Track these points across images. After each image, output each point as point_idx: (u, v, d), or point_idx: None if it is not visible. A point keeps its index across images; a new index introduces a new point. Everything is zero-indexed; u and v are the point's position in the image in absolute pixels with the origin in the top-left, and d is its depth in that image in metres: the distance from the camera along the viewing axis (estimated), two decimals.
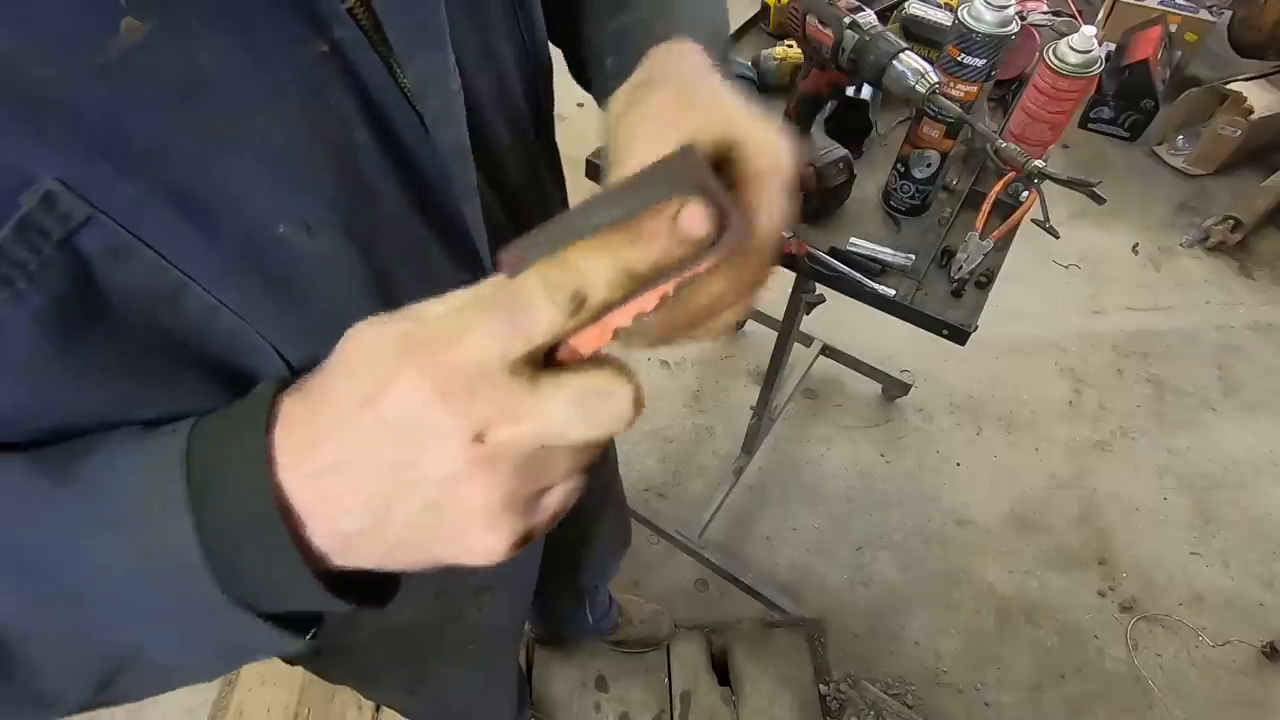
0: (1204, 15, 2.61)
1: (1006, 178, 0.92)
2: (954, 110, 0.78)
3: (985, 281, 0.94)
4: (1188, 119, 2.56)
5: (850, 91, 1.07)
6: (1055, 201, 0.88)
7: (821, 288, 1.12)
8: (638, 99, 0.34)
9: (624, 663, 1.46)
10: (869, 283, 0.93)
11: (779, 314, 1.37)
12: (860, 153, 1.10)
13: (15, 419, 0.28)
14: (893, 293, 0.93)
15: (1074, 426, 1.92)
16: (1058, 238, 0.90)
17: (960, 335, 0.91)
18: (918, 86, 0.76)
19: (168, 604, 0.27)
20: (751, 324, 2.02)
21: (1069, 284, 2.24)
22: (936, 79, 0.76)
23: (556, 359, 0.24)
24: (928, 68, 0.76)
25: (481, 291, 0.23)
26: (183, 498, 0.25)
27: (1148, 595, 1.64)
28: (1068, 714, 1.49)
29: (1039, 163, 0.82)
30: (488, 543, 0.25)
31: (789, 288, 1.27)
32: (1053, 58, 0.93)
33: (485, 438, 0.23)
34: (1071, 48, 0.91)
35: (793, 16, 0.86)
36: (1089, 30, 0.91)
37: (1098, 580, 1.66)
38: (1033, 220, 0.89)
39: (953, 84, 0.88)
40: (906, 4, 1.10)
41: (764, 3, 1.27)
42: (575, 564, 1.06)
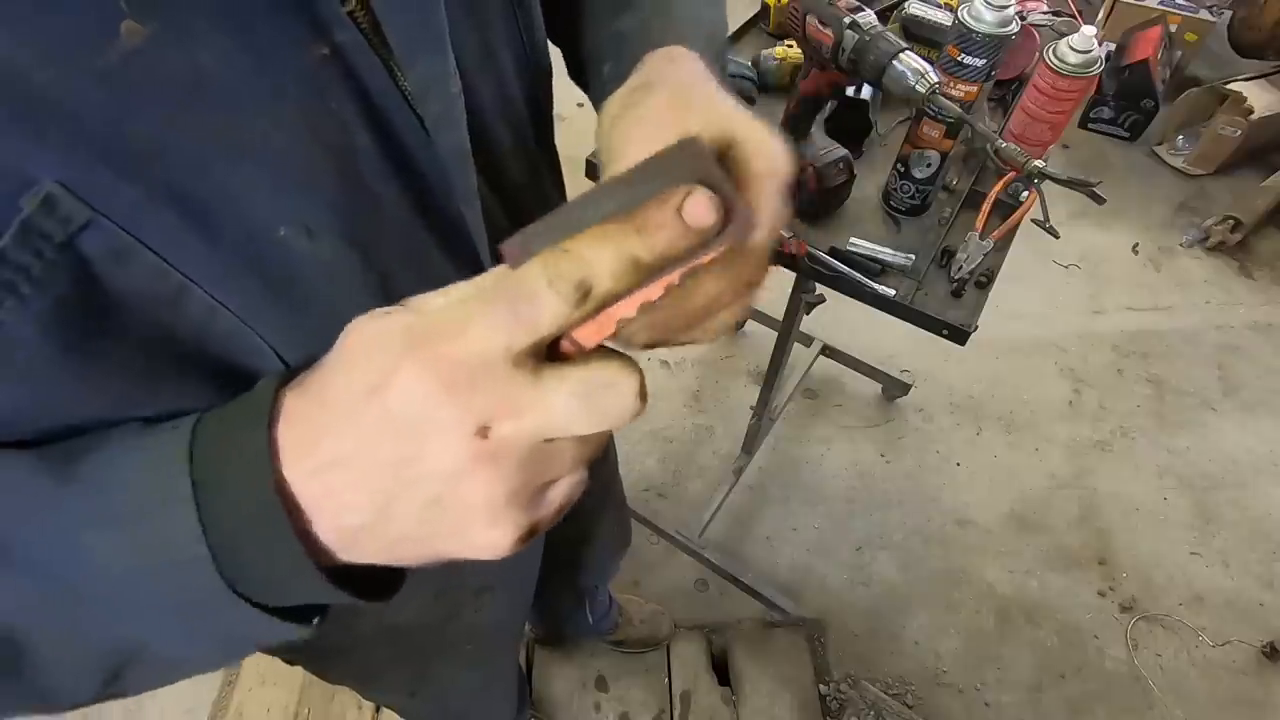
0: (1204, 15, 2.61)
1: (1006, 178, 0.92)
2: (954, 110, 0.78)
3: (985, 281, 0.94)
4: (1188, 119, 2.56)
5: (850, 91, 1.07)
6: (1055, 201, 0.88)
7: (821, 288, 1.13)
8: (633, 102, 0.34)
9: (624, 663, 1.46)
10: (869, 283, 0.93)
11: (779, 314, 1.37)
12: (860, 153, 1.10)
13: (16, 419, 0.28)
14: (893, 293, 0.93)
15: (1074, 426, 1.92)
16: (1058, 238, 0.90)
17: (960, 335, 0.91)
18: (918, 86, 0.76)
19: (171, 599, 0.27)
20: (751, 324, 2.02)
21: (1069, 284, 2.24)
22: (936, 79, 0.76)
23: (560, 351, 0.24)
24: (928, 68, 0.76)
25: (484, 282, 0.23)
26: (187, 494, 0.25)
27: (1148, 595, 1.64)
28: (1068, 714, 1.49)
29: (1039, 163, 0.82)
30: (492, 537, 0.25)
31: (789, 288, 1.27)
32: (1053, 58, 0.93)
33: (488, 431, 0.23)
34: (1071, 48, 0.91)
35: (793, 16, 0.86)
36: (1089, 30, 0.91)
37: (1098, 580, 1.67)
38: (1033, 220, 0.89)
39: (953, 84, 0.88)
40: (906, 4, 1.10)
41: (764, 3, 1.27)
42: (575, 564, 1.06)
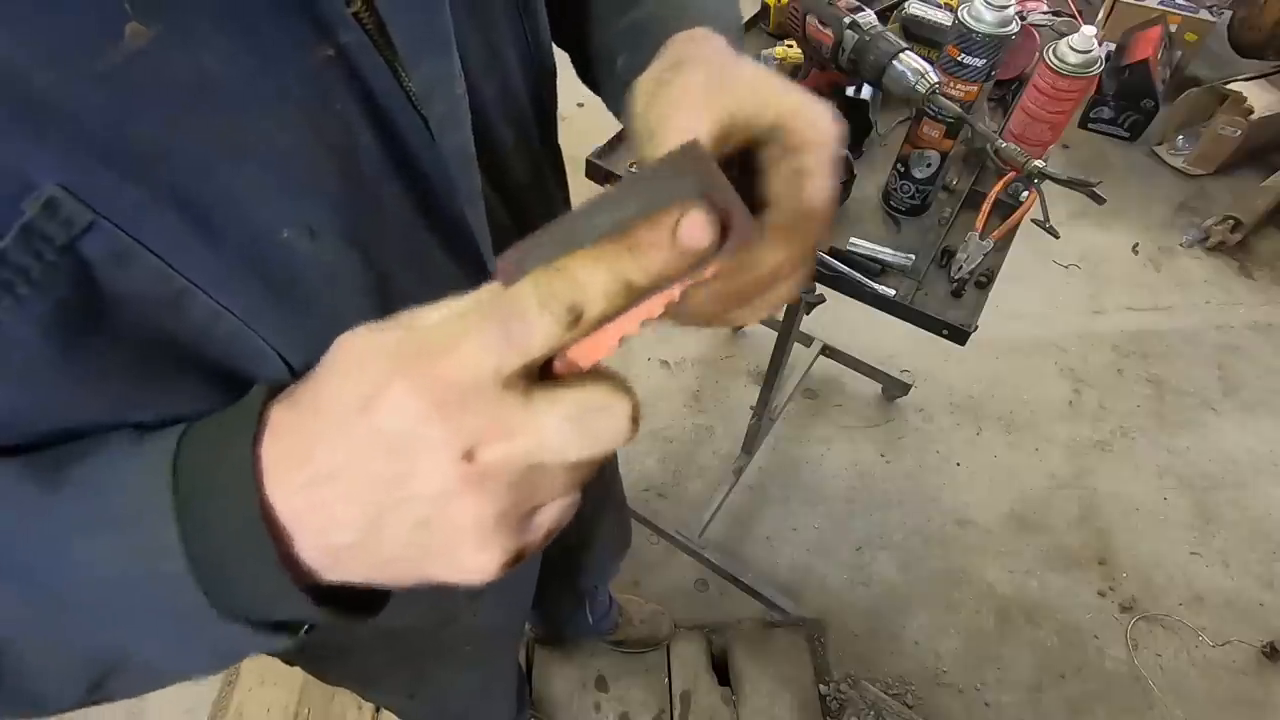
0: (1204, 15, 2.61)
1: (1006, 178, 0.92)
2: (954, 110, 0.78)
3: (985, 281, 0.94)
4: (1188, 119, 2.56)
5: (850, 91, 1.07)
6: (1055, 201, 0.88)
7: (821, 288, 1.12)
8: (666, 80, 0.32)
9: (624, 663, 1.46)
10: (869, 283, 0.93)
11: (779, 314, 1.37)
12: (860, 153, 1.10)
13: (14, 422, 0.28)
14: (893, 293, 0.93)
15: (1074, 426, 1.92)
16: (1058, 238, 0.90)
17: (960, 335, 0.91)
18: (918, 86, 0.76)
19: (156, 609, 0.27)
20: (751, 324, 2.01)
21: (1069, 284, 2.24)
22: (936, 79, 0.76)
23: (554, 371, 0.24)
24: (928, 68, 0.77)
25: (478, 299, 0.23)
26: (167, 506, 0.25)
27: (1148, 595, 1.64)
28: (1068, 714, 1.49)
29: (1039, 163, 0.82)
30: (479, 561, 0.25)
31: None
32: (1053, 58, 0.93)
33: (476, 454, 0.22)
34: (1071, 48, 0.91)
35: (793, 16, 0.86)
36: (1089, 30, 0.91)
37: (1098, 580, 1.67)
38: (1033, 220, 0.89)
39: (953, 84, 0.88)
40: (906, 4, 1.10)
41: (764, 3, 1.27)
42: (576, 565, 1.05)
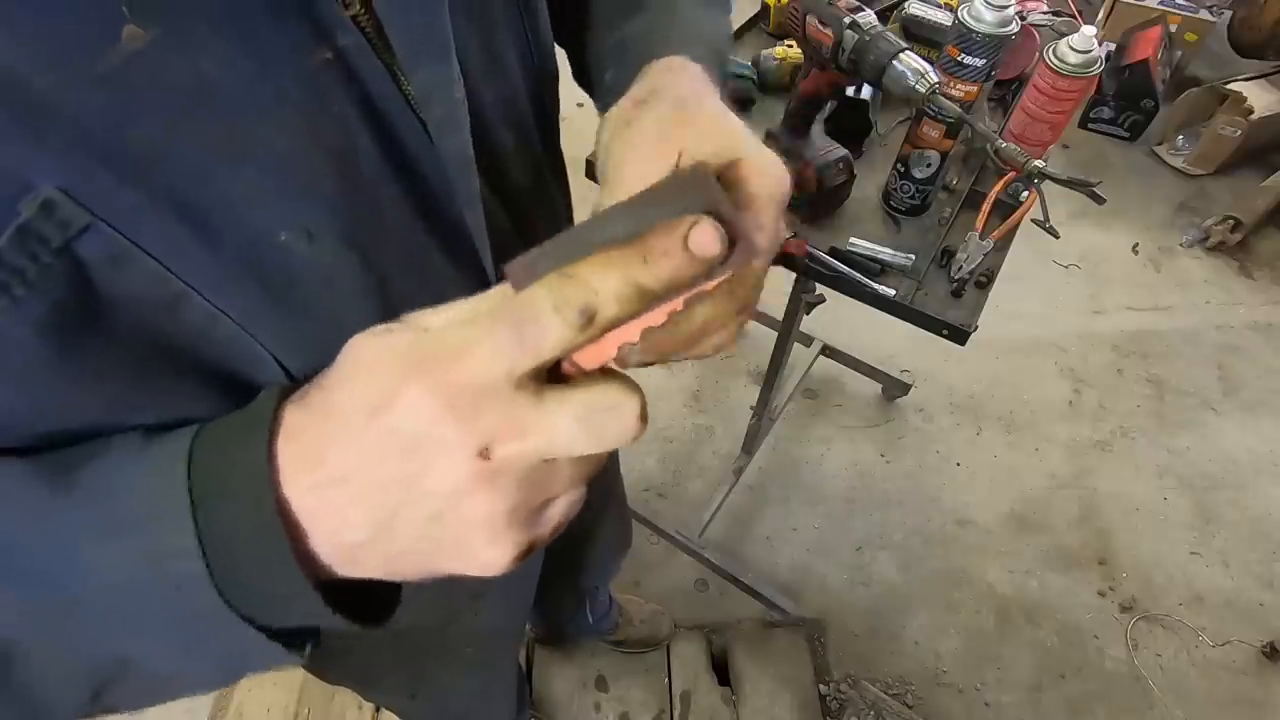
0: (1204, 15, 2.61)
1: (1006, 178, 0.92)
2: (954, 110, 0.78)
3: (985, 281, 0.94)
4: (1188, 119, 2.56)
5: (850, 91, 1.07)
6: (1055, 201, 0.88)
7: (821, 288, 1.12)
8: (635, 116, 0.34)
9: (624, 663, 1.46)
10: (869, 283, 0.93)
11: (779, 314, 1.37)
12: (860, 153, 1.10)
13: (12, 424, 0.28)
14: (893, 293, 0.93)
15: (1074, 426, 1.92)
16: (1058, 238, 0.90)
17: (960, 335, 0.91)
18: (918, 86, 0.76)
19: (166, 613, 0.27)
20: (752, 324, 2.01)
21: (1069, 284, 2.24)
22: (936, 79, 0.76)
23: (561, 372, 0.24)
24: (928, 68, 0.76)
25: (486, 303, 0.23)
26: (184, 506, 0.25)
27: (1148, 595, 1.64)
28: (1068, 714, 1.49)
29: (1039, 163, 0.82)
30: (491, 555, 0.25)
31: (789, 288, 1.27)
32: (1053, 58, 0.92)
33: (490, 453, 0.23)
34: (1071, 48, 0.91)
35: (793, 16, 0.86)
36: (1089, 30, 0.91)
37: (1098, 580, 1.67)
38: (1033, 220, 0.89)
39: (953, 84, 0.88)
40: (906, 4, 1.10)
41: (764, 3, 1.27)
42: (576, 565, 1.06)
